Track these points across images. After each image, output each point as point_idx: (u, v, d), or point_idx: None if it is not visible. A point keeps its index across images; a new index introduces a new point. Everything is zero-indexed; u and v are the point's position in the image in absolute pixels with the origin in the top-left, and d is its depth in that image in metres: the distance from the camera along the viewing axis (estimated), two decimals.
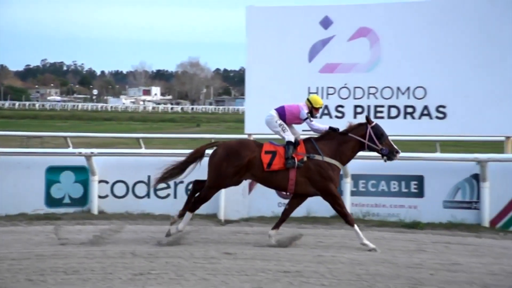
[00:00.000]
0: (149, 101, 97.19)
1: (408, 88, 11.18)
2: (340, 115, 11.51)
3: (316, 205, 10.76)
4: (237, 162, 8.72)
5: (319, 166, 8.69)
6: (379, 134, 8.80)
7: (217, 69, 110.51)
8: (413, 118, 11.22)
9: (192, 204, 9.06)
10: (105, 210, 11.07)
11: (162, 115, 65.29)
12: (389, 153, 8.79)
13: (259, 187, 11.07)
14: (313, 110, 9.02)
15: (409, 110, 11.21)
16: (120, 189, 11.29)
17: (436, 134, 12.74)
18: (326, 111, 11.52)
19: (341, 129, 8.89)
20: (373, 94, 11.37)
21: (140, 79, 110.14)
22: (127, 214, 10.85)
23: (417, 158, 11.17)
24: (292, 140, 8.78)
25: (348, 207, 10.56)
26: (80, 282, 6.75)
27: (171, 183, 11.19)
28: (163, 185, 11.19)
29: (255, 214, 10.93)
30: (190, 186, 11.12)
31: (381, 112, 11.37)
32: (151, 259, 7.83)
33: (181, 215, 9.07)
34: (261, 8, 12.03)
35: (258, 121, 11.76)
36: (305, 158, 8.66)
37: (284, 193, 9.13)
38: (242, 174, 8.87)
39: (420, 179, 10.60)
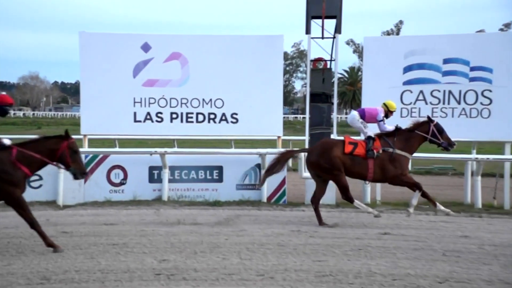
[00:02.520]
0: None
1: (210, 100, 11.36)
2: (159, 120, 11.42)
3: (140, 190, 10.78)
4: (330, 155, 8.43)
5: (392, 157, 8.45)
6: (440, 130, 8.63)
7: (56, 82, 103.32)
8: (215, 122, 11.41)
9: (348, 199, 8.71)
10: None
11: (4, 119, 58.80)
12: (448, 145, 8.64)
13: (93, 177, 10.78)
14: (388, 113, 8.89)
15: (212, 116, 11.40)
16: None
17: (231, 135, 13.32)
18: (148, 117, 11.41)
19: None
20: (185, 103, 11.41)
21: None
22: None
23: (218, 153, 11.64)
24: (372, 135, 8.59)
25: (166, 193, 10.73)
26: None
27: None
28: None
29: (90, 199, 10.56)
30: (32, 178, 10.55)
31: (191, 118, 11.45)
32: None
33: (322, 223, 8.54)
34: (92, 33, 11.60)
35: (91, 124, 11.49)
36: (380, 151, 8.44)
37: (365, 182, 8.76)
38: (339, 161, 8.46)
39: (220, 169, 10.93)
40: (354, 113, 9.01)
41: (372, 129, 8.93)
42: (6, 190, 6.76)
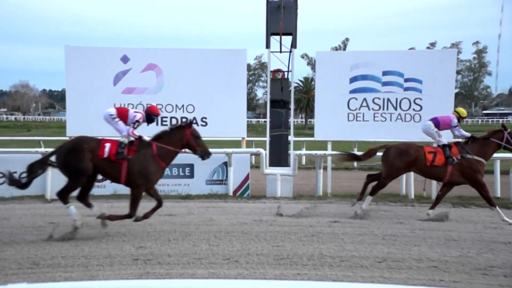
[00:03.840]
0: None
1: (183, 105, 11.26)
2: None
3: (119, 185, 10.51)
4: (407, 159, 8.12)
5: (470, 162, 8.08)
6: None
7: (44, 89, 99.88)
8: None
9: (372, 190, 8.42)
10: None
11: None
12: None
13: None
14: (459, 119, 8.50)
15: (184, 120, 11.26)
16: None
17: (201, 136, 13.18)
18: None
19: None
20: (160, 109, 11.19)
21: None
22: None
23: (190, 152, 11.49)
24: (447, 143, 8.24)
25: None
26: None
27: (6, 173, 10.17)
28: None
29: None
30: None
31: (166, 121, 11.26)
32: None
33: (359, 199, 8.53)
34: (76, 47, 11.36)
35: (76, 127, 11.21)
36: (459, 157, 8.10)
37: (439, 182, 8.37)
38: (409, 167, 8.22)
39: (191, 166, 10.81)
40: (429, 123, 8.55)
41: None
42: (135, 178, 6.91)
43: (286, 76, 12.20)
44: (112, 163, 6.93)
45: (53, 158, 7.24)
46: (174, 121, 11.33)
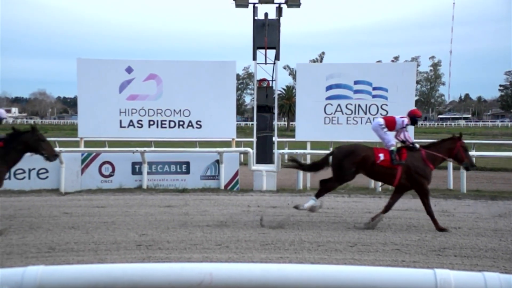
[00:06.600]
0: (10, 117, 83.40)
1: (180, 110, 11.14)
2: (140, 126, 11.13)
3: (124, 180, 10.46)
4: None
5: None
6: None
7: (59, 96, 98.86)
8: (184, 128, 11.20)
9: None
10: None
11: (19, 126, 55.31)
12: None
13: (88, 170, 10.42)
14: None
15: (181, 123, 11.18)
16: None
17: (196, 137, 13.15)
18: (131, 123, 11.11)
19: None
20: (160, 113, 11.18)
21: (2, 103, 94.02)
22: None
23: (186, 151, 11.37)
24: None
25: (145, 182, 10.47)
26: None
27: (26, 170, 10.08)
28: (20, 171, 10.03)
29: (85, 188, 10.24)
30: (41, 171, 10.16)
31: (165, 124, 11.19)
32: (12, 219, 7.01)
33: None
34: (87, 59, 11.24)
35: (86, 129, 11.22)
36: None
37: None
38: None
39: (187, 164, 10.71)
40: None
41: None
42: (419, 181, 6.69)
43: (270, 85, 12.18)
44: (386, 168, 6.80)
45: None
46: (172, 124, 11.27)
